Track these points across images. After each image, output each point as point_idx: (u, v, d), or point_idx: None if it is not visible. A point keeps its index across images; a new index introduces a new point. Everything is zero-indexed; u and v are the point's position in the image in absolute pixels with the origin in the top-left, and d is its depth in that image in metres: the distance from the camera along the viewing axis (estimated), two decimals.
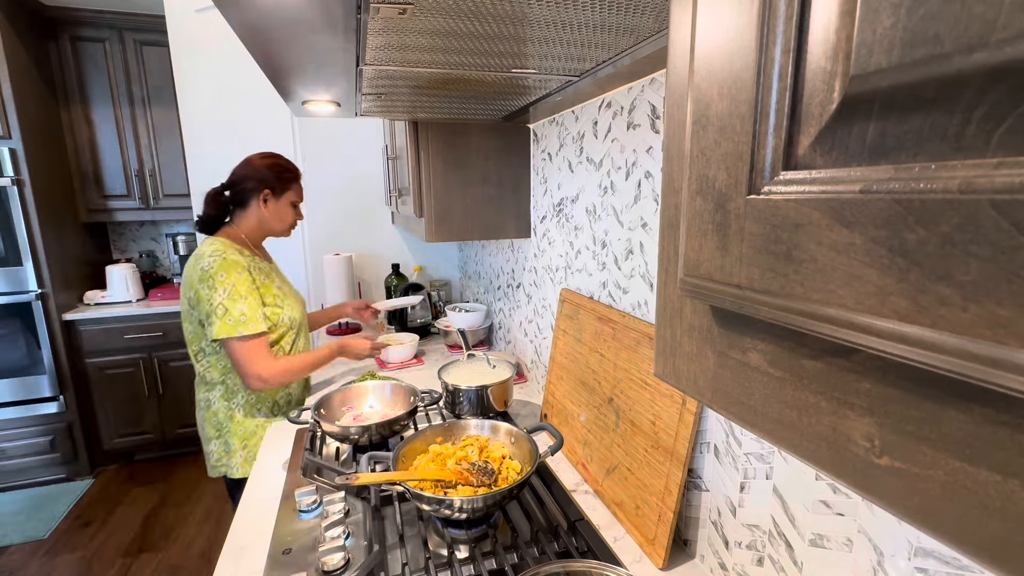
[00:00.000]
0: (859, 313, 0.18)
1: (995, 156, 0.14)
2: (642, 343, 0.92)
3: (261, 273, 1.35)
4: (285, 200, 1.37)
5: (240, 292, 1.24)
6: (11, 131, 2.43)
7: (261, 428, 1.37)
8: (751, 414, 0.26)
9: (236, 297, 1.23)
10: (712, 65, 0.25)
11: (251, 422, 1.37)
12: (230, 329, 1.22)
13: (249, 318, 1.23)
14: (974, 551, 0.16)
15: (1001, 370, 0.14)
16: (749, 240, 0.23)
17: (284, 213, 1.39)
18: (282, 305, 1.37)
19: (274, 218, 1.38)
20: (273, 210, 1.36)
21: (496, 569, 0.79)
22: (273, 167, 1.35)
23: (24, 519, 2.44)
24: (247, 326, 1.22)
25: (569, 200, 1.21)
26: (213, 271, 1.23)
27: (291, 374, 1.30)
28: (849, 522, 0.58)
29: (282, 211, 1.38)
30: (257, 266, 1.35)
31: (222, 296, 1.22)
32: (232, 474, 1.37)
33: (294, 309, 1.42)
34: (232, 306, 1.22)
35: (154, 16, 2.73)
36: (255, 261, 1.36)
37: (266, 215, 1.36)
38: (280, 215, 1.38)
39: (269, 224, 1.38)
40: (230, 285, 1.23)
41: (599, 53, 0.74)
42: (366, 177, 2.30)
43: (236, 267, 1.25)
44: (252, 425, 1.37)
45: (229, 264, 1.24)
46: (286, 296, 1.41)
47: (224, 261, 1.24)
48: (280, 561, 0.82)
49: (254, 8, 0.57)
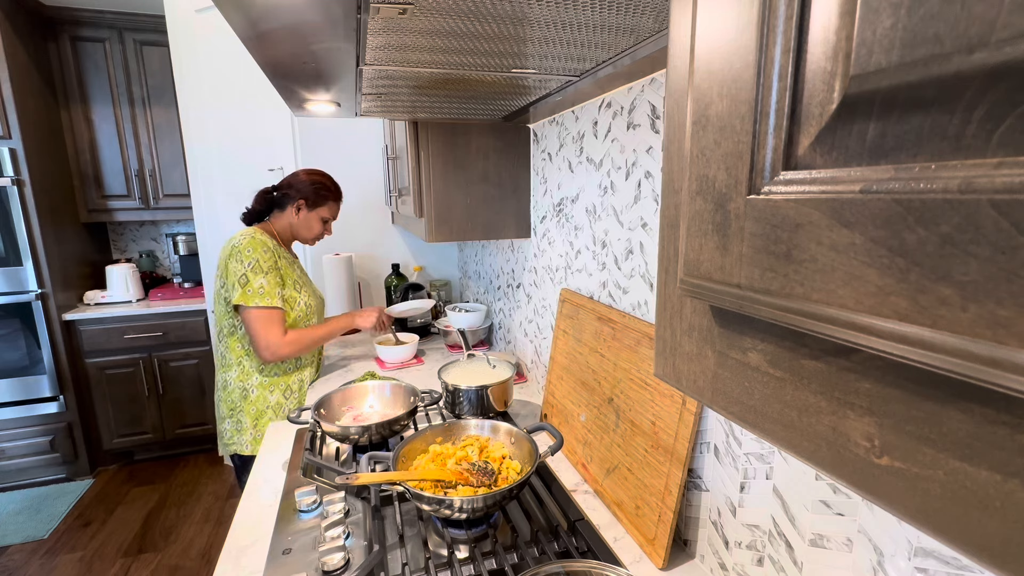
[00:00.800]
0: (859, 313, 0.18)
1: (995, 156, 0.14)
2: (642, 343, 0.92)
3: (285, 260, 1.47)
4: (317, 214, 1.51)
5: (262, 268, 1.36)
6: (11, 131, 2.43)
7: (272, 410, 1.47)
8: (751, 414, 0.26)
9: (258, 271, 1.35)
10: (712, 65, 0.25)
11: (262, 402, 1.47)
12: (248, 298, 1.34)
13: (267, 292, 1.35)
14: (974, 551, 0.16)
15: (1001, 370, 0.14)
16: (749, 240, 0.23)
17: (313, 225, 1.53)
18: (300, 292, 1.48)
19: (303, 227, 1.52)
20: (304, 220, 1.50)
21: (496, 569, 0.79)
22: (314, 183, 1.49)
23: (24, 519, 2.44)
24: (264, 298, 1.34)
25: (569, 200, 1.21)
26: (242, 247, 1.37)
27: (299, 345, 1.41)
28: (849, 522, 0.58)
29: (312, 223, 1.52)
30: (283, 254, 1.48)
31: (245, 268, 1.35)
32: (242, 451, 1.46)
33: (312, 298, 1.53)
34: (254, 278, 1.35)
35: (154, 16, 2.74)
36: (281, 250, 1.48)
37: (297, 222, 1.51)
38: (309, 225, 1.52)
39: (298, 230, 1.52)
40: (254, 260, 1.36)
41: (599, 53, 0.74)
42: (366, 177, 2.30)
43: (263, 246, 1.39)
44: (263, 405, 1.47)
45: (257, 243, 1.38)
46: (305, 287, 1.53)
47: (252, 240, 1.38)
48: (280, 561, 0.82)
49: (254, 8, 0.57)
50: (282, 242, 1.54)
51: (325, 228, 1.56)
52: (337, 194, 1.54)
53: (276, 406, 1.48)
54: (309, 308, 1.50)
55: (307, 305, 1.49)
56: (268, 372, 1.47)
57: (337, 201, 1.55)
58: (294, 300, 1.45)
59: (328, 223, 1.57)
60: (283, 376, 1.50)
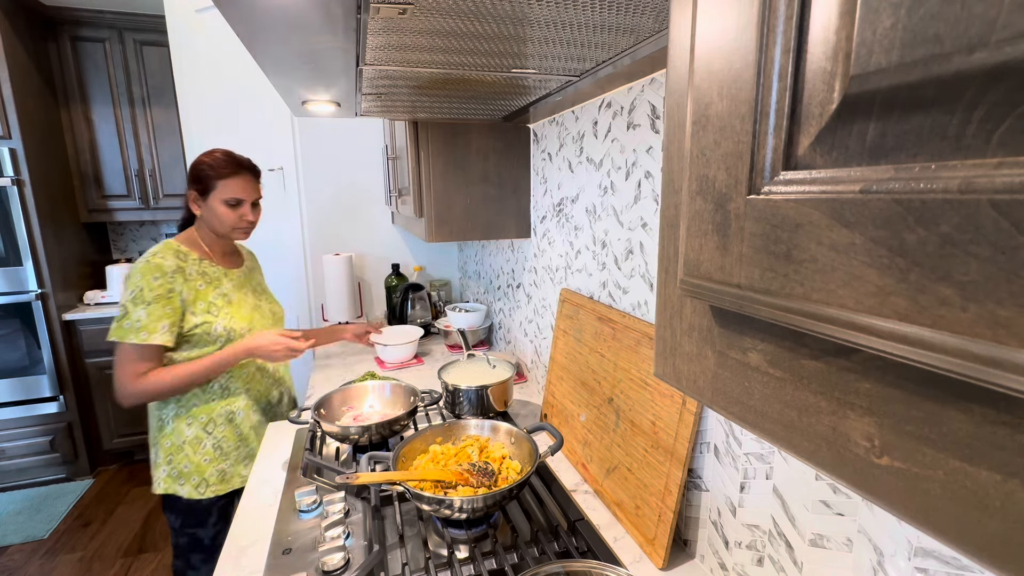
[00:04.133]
0: (859, 313, 0.18)
1: (995, 156, 0.14)
2: (642, 343, 0.92)
3: (201, 279, 1.25)
4: (215, 200, 1.25)
5: (144, 297, 1.15)
6: (11, 131, 2.43)
7: (189, 446, 1.25)
8: (751, 414, 0.26)
9: (139, 302, 1.14)
10: (712, 65, 0.25)
11: (177, 436, 1.25)
12: (120, 332, 1.15)
13: (143, 326, 1.14)
14: (974, 551, 0.16)
15: (1001, 370, 0.14)
16: (749, 240, 0.23)
17: (220, 214, 1.26)
18: (217, 315, 1.25)
19: (213, 221, 1.27)
20: (208, 212, 1.27)
21: (496, 569, 0.79)
22: (193, 167, 1.26)
23: (24, 519, 2.44)
24: (137, 334, 1.14)
25: (569, 200, 1.21)
26: (132, 271, 1.18)
27: (160, 384, 1.17)
28: (849, 522, 0.58)
29: (216, 212, 1.26)
30: (200, 271, 1.26)
31: (127, 297, 1.16)
32: (157, 489, 1.27)
33: (237, 320, 1.28)
34: (132, 310, 1.15)
35: (154, 16, 2.73)
36: (201, 265, 1.27)
37: (206, 218, 1.28)
38: (216, 216, 1.26)
39: (212, 226, 1.29)
40: (137, 288, 1.15)
41: (599, 53, 0.74)
42: (366, 177, 2.30)
43: (154, 271, 1.17)
44: (178, 439, 1.25)
45: (150, 267, 1.17)
46: (231, 306, 1.28)
47: (146, 264, 1.18)
48: (280, 561, 0.82)
49: (254, 8, 0.57)
50: (210, 249, 1.32)
51: (238, 212, 1.28)
52: (221, 168, 1.24)
53: (194, 441, 1.25)
54: (230, 333, 1.26)
55: (227, 329, 1.25)
56: (185, 401, 1.25)
57: (229, 176, 1.25)
58: (205, 328, 1.22)
59: (240, 205, 1.28)
60: (203, 406, 1.26)
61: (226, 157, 1.26)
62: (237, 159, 1.27)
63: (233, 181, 1.26)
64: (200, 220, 1.29)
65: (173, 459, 1.25)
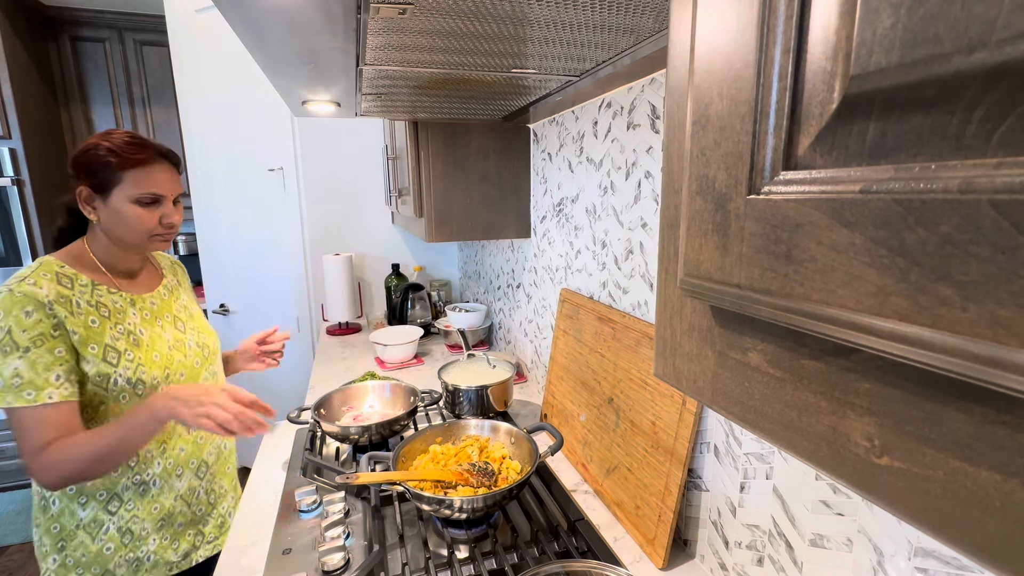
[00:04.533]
0: (859, 313, 0.18)
1: (995, 156, 0.14)
2: (642, 343, 0.92)
3: (94, 313, 0.90)
4: (119, 198, 0.90)
5: (17, 341, 0.82)
6: (11, 131, 2.43)
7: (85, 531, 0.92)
8: (751, 414, 0.26)
9: (10, 350, 0.81)
10: (712, 65, 0.25)
11: (68, 518, 0.93)
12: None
13: (25, 382, 0.82)
14: (974, 551, 0.16)
15: (1001, 370, 0.14)
16: (749, 240, 0.23)
17: (128, 216, 0.91)
18: (116, 363, 0.90)
19: (116, 226, 0.92)
20: (107, 216, 0.91)
21: (496, 569, 0.79)
22: (83, 155, 0.90)
23: (24, 519, 2.44)
24: (18, 395, 0.82)
25: (569, 200, 1.21)
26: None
27: (73, 468, 0.83)
28: (849, 522, 0.58)
29: (123, 214, 0.91)
30: (93, 301, 0.91)
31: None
32: None
33: (148, 366, 0.94)
34: (3, 362, 0.81)
35: (154, 16, 2.74)
36: (94, 293, 0.92)
37: (102, 224, 0.93)
38: (124, 220, 0.91)
39: (115, 235, 0.93)
40: (3, 331, 0.82)
41: (599, 53, 0.74)
42: (366, 177, 2.30)
43: (24, 303, 0.83)
44: (70, 523, 0.92)
45: (13, 300, 0.83)
46: (139, 347, 0.94)
47: (9, 295, 0.83)
48: (280, 561, 0.82)
49: (254, 8, 0.57)
50: (105, 266, 0.96)
51: (156, 213, 0.93)
52: (129, 154, 0.90)
53: (92, 525, 0.92)
54: (138, 386, 0.92)
55: (132, 382, 0.92)
56: None
57: (141, 164, 0.91)
58: (100, 380, 0.89)
59: (158, 203, 0.94)
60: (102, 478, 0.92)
61: (133, 139, 0.92)
62: (149, 142, 0.94)
63: (147, 171, 0.91)
64: (94, 228, 0.95)
65: (65, 547, 0.92)
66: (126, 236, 0.94)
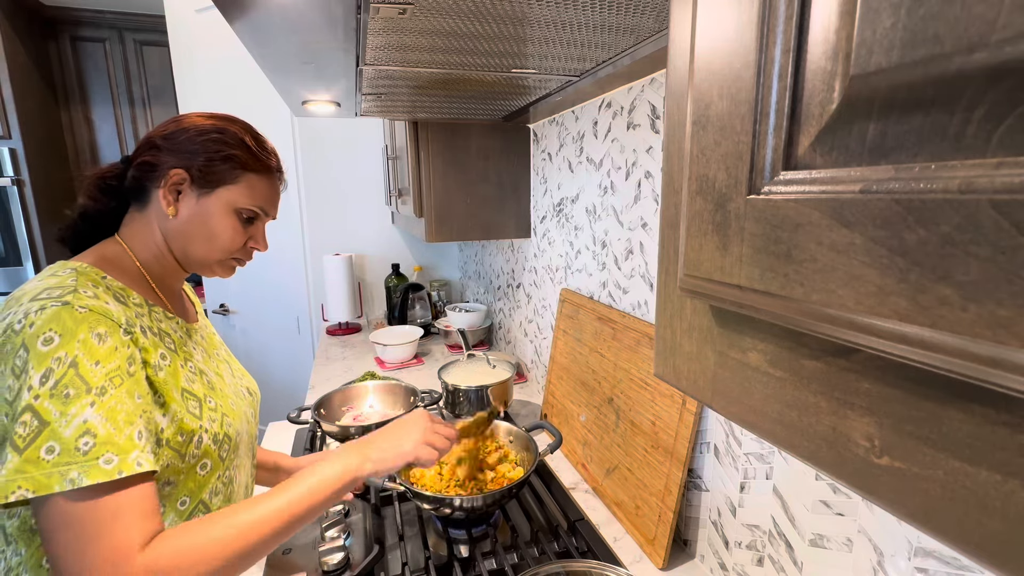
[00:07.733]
0: (859, 313, 0.18)
1: (995, 156, 0.14)
2: (642, 343, 0.92)
3: (162, 338, 0.65)
4: (220, 201, 0.68)
5: (88, 379, 0.52)
6: (11, 131, 2.43)
7: None
8: (751, 414, 0.26)
9: (75, 392, 0.51)
10: (712, 65, 0.25)
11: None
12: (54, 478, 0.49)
13: (101, 441, 0.51)
14: (974, 551, 0.16)
15: (1001, 370, 0.14)
16: (749, 240, 0.23)
17: (216, 224, 0.68)
18: (202, 402, 0.66)
19: (195, 230, 0.68)
20: (191, 216, 0.67)
21: (496, 569, 0.79)
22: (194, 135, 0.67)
23: None
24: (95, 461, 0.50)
25: (569, 200, 1.21)
26: (31, 331, 0.52)
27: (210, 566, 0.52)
28: (849, 522, 0.58)
29: (213, 220, 0.68)
30: (154, 324, 0.65)
31: (40, 387, 0.50)
32: None
33: (233, 412, 0.71)
34: (66, 414, 0.50)
35: (154, 16, 2.74)
36: (152, 312, 0.66)
37: (178, 222, 0.67)
38: (208, 227, 0.68)
39: (186, 239, 0.68)
40: (65, 364, 0.51)
41: (599, 53, 0.74)
42: (366, 177, 2.30)
43: (94, 323, 0.54)
44: None
45: (75, 317, 0.53)
46: (217, 385, 0.71)
47: (66, 311, 0.53)
48: (280, 561, 0.82)
49: (254, 8, 0.57)
50: (153, 281, 0.69)
51: (248, 233, 0.72)
52: (256, 156, 0.70)
53: None
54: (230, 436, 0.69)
55: (224, 431, 0.68)
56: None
57: (262, 172, 0.70)
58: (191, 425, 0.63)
59: (256, 222, 0.73)
60: None
61: (259, 140, 0.72)
62: (274, 149, 0.75)
63: (267, 182, 0.72)
64: (140, 227, 0.69)
65: None
66: (199, 248, 0.69)
